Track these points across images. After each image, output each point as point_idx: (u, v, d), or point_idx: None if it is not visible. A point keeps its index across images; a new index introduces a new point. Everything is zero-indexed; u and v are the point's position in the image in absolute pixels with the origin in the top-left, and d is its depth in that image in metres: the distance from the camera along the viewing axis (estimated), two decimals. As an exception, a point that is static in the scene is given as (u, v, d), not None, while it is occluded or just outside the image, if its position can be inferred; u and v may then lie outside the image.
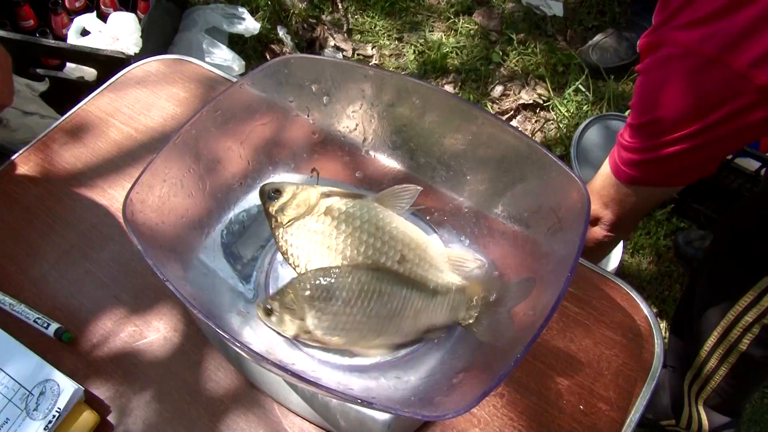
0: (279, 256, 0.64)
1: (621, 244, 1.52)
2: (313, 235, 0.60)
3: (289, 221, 0.61)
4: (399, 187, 0.62)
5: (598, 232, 1.00)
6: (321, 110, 0.68)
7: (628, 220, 0.98)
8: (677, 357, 1.31)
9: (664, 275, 1.69)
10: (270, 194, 0.62)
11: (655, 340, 0.65)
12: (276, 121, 0.68)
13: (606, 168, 0.93)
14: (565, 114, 1.92)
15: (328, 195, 0.62)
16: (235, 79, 0.83)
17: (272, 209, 0.62)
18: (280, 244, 0.62)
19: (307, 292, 0.56)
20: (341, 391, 0.44)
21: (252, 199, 0.68)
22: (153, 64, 0.93)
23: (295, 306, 0.56)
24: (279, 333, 0.57)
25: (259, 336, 0.58)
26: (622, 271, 1.66)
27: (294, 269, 0.61)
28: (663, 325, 1.63)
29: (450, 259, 0.60)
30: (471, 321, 0.57)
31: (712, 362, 1.19)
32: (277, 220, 0.62)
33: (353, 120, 0.68)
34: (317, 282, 0.56)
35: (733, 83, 0.70)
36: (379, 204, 0.61)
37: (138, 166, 0.80)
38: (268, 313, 0.57)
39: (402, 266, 0.58)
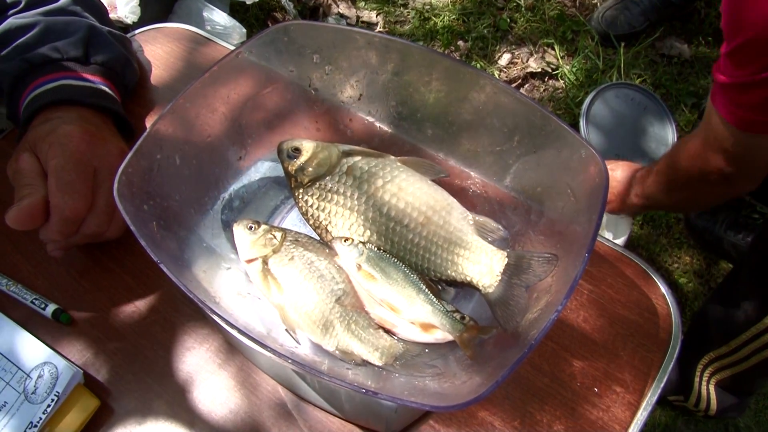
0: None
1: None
2: (334, 196, 0.59)
3: (309, 181, 0.59)
4: (424, 161, 0.60)
5: (729, 189, 0.89)
6: (323, 80, 0.65)
7: (761, 170, 0.85)
8: (700, 338, 1.28)
9: (675, 247, 1.66)
10: (289, 153, 0.60)
11: (673, 320, 0.63)
12: (276, 92, 0.65)
13: (715, 119, 0.79)
14: (574, 82, 1.87)
15: (349, 154, 0.60)
16: (233, 48, 0.80)
17: (291, 169, 0.60)
18: (300, 204, 0.60)
19: (296, 242, 0.58)
20: (343, 380, 0.42)
21: (252, 174, 0.66)
22: (151, 33, 0.90)
23: (277, 241, 0.57)
24: (237, 250, 0.58)
25: (260, 317, 0.56)
26: (631, 243, 1.64)
27: (314, 230, 0.60)
28: (673, 297, 1.61)
29: (475, 222, 0.58)
30: (491, 290, 0.55)
31: (743, 353, 1.17)
32: (296, 180, 0.60)
33: (357, 90, 0.65)
34: (307, 245, 0.58)
35: None
36: (403, 164, 0.60)
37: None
38: (249, 228, 0.57)
39: (426, 228, 0.57)
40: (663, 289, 0.65)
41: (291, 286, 0.55)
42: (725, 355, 1.20)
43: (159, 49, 0.87)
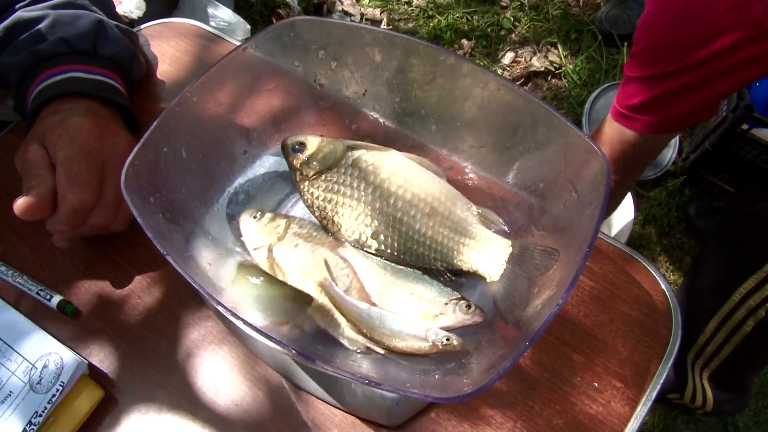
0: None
1: (632, 214, 1.50)
2: (341, 188, 0.59)
3: (314, 174, 0.59)
4: (425, 160, 0.61)
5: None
6: (328, 75, 0.65)
7: (630, 164, 0.94)
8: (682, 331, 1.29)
9: (675, 247, 1.67)
10: (294, 147, 0.61)
11: (673, 317, 0.63)
12: (281, 87, 0.66)
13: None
14: (577, 82, 1.88)
15: (353, 148, 0.61)
16: (239, 43, 0.80)
17: (297, 163, 0.61)
18: (305, 198, 0.61)
19: (300, 230, 0.59)
20: (347, 371, 0.42)
21: (257, 169, 0.66)
22: (157, 27, 0.90)
23: (281, 229, 0.58)
24: (244, 239, 0.59)
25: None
26: (632, 243, 1.64)
27: (320, 222, 0.60)
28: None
29: (479, 214, 0.59)
30: (495, 279, 0.56)
31: (717, 340, 1.18)
32: (302, 174, 0.60)
33: (362, 86, 0.65)
34: (312, 232, 0.59)
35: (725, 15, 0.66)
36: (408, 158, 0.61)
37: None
38: (254, 217, 0.59)
39: (432, 219, 0.57)
40: (663, 285, 0.65)
41: (295, 273, 0.56)
42: (705, 344, 1.21)
43: (165, 44, 0.87)
